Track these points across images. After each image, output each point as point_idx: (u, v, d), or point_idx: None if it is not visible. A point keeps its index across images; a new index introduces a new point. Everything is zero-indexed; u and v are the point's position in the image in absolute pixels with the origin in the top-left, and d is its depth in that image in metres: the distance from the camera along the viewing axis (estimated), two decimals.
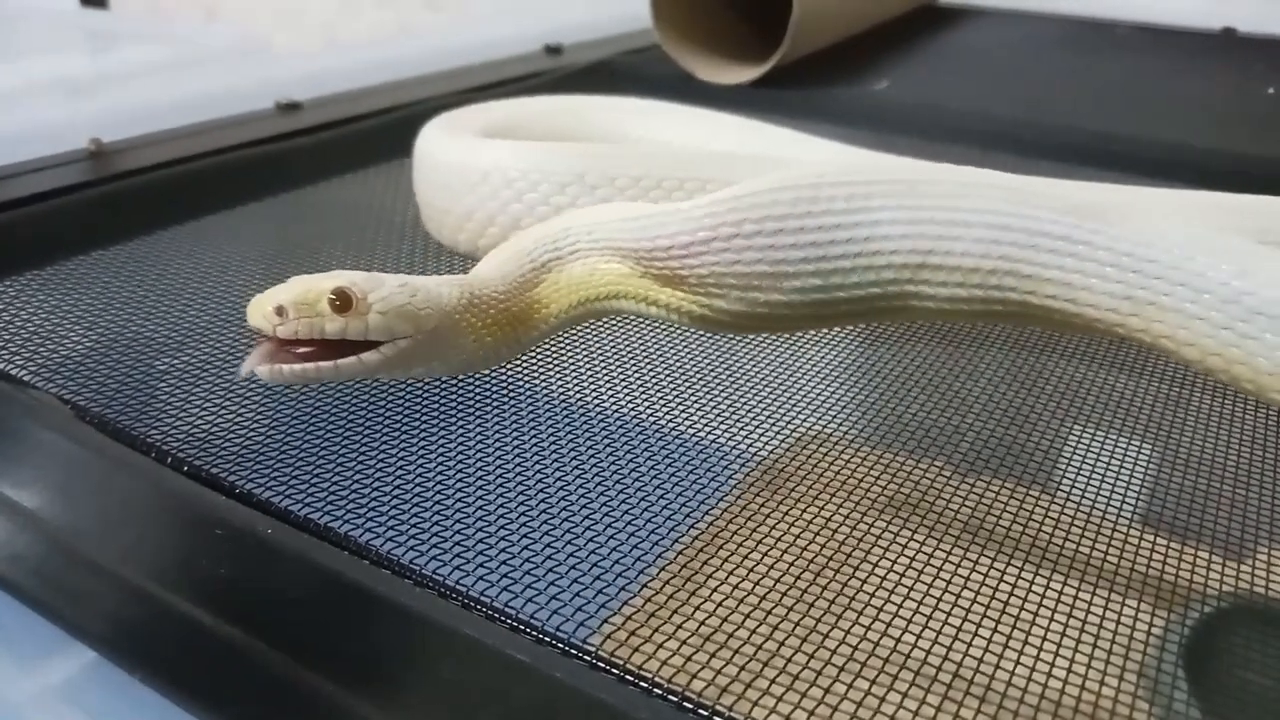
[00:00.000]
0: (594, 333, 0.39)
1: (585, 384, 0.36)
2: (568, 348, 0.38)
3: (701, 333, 0.39)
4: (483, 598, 0.24)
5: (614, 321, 0.40)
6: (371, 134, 0.59)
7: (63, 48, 0.96)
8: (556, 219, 0.36)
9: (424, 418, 0.34)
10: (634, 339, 0.39)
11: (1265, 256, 0.30)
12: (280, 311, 0.27)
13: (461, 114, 0.50)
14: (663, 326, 0.40)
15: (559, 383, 0.36)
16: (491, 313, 0.32)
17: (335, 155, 0.56)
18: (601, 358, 0.38)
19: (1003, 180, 0.32)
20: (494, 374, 0.36)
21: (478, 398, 0.35)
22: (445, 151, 0.45)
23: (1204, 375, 0.31)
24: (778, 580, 0.26)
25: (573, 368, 0.37)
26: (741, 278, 0.32)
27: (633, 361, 0.37)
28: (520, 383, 0.36)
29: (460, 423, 0.34)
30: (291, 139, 0.56)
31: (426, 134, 0.47)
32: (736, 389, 0.36)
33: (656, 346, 0.39)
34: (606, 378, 0.36)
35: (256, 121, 0.58)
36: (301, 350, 0.28)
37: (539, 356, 0.37)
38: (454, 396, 0.35)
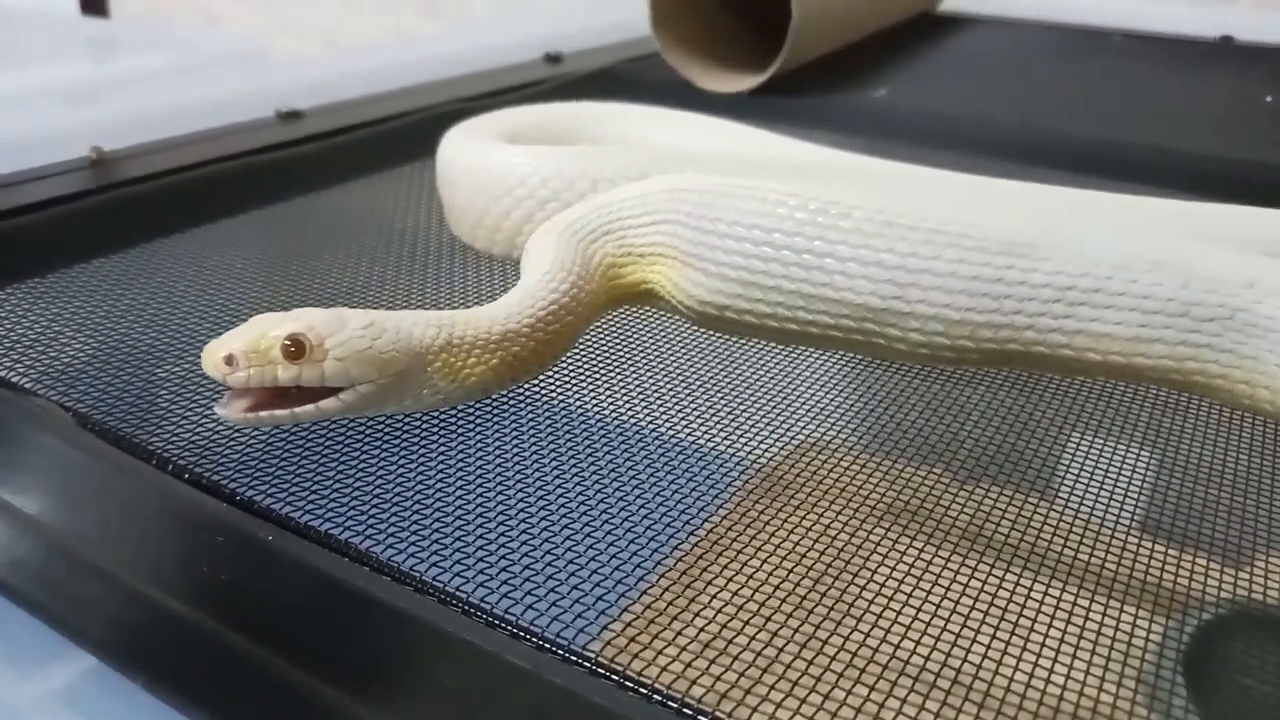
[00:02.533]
0: (595, 339, 0.39)
1: (585, 390, 0.36)
2: (567, 355, 0.38)
3: (702, 340, 0.39)
4: (483, 604, 0.24)
5: (615, 328, 0.40)
6: (373, 142, 0.59)
7: (63, 55, 0.96)
8: (594, 200, 0.37)
9: (424, 424, 0.34)
10: (634, 345, 0.39)
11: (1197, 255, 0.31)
12: (230, 361, 0.27)
13: (481, 121, 0.51)
14: (663, 333, 0.40)
15: (559, 389, 0.36)
16: (476, 352, 0.31)
17: (336, 163, 0.56)
18: (602, 364, 0.38)
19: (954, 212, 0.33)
20: None
21: (478, 404, 0.35)
22: (479, 157, 0.45)
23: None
24: (777, 587, 0.26)
25: (573, 374, 0.37)
26: (716, 266, 0.34)
27: (633, 368, 0.37)
28: (520, 389, 0.36)
29: (460, 429, 0.34)
30: (292, 147, 0.56)
31: (452, 140, 0.47)
32: (737, 396, 0.36)
33: (656, 353, 0.39)
34: (607, 384, 0.36)
35: (257, 129, 0.59)
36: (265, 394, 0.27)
37: None
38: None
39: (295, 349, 0.27)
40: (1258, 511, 0.31)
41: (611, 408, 0.35)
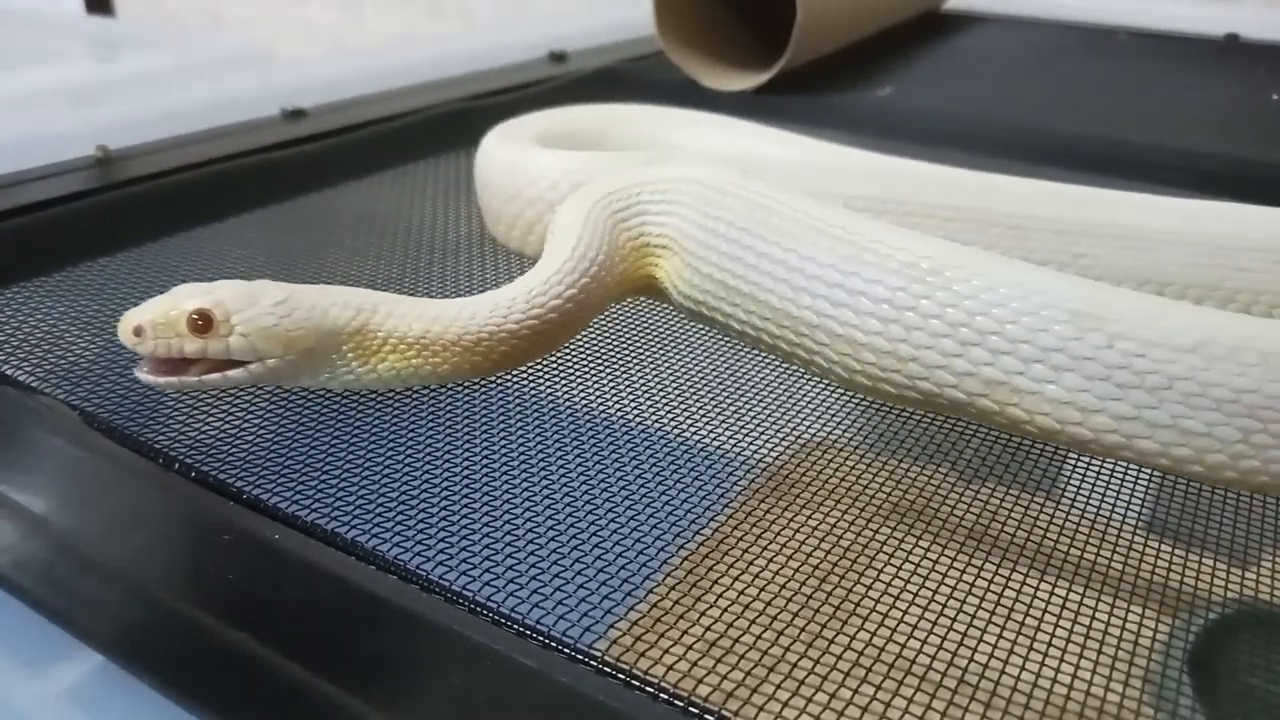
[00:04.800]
0: (599, 339, 0.39)
1: (591, 390, 0.36)
2: (573, 353, 0.38)
3: (707, 338, 0.39)
4: (489, 603, 0.24)
5: (619, 327, 0.40)
6: (378, 140, 0.59)
7: (69, 54, 0.96)
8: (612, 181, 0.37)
9: (429, 423, 0.34)
10: (639, 343, 0.39)
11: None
12: (139, 332, 0.28)
13: (520, 123, 0.51)
14: (668, 331, 0.40)
15: (564, 388, 0.36)
16: (392, 343, 0.31)
17: (342, 162, 0.56)
18: (607, 364, 0.38)
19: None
20: (498, 379, 0.36)
21: (482, 403, 0.35)
22: (518, 162, 0.45)
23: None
24: (783, 586, 0.26)
25: (578, 373, 0.37)
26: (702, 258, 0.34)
27: (638, 367, 0.37)
28: (525, 388, 0.36)
29: (465, 428, 0.34)
30: (298, 145, 0.56)
31: (490, 145, 0.47)
32: (742, 395, 0.36)
33: (662, 351, 0.39)
34: (612, 384, 0.36)
35: (263, 128, 0.59)
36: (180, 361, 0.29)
37: (543, 361, 0.37)
38: (459, 402, 0.35)
39: (202, 323, 0.28)
40: (1264, 510, 0.31)
41: (617, 406, 0.35)
